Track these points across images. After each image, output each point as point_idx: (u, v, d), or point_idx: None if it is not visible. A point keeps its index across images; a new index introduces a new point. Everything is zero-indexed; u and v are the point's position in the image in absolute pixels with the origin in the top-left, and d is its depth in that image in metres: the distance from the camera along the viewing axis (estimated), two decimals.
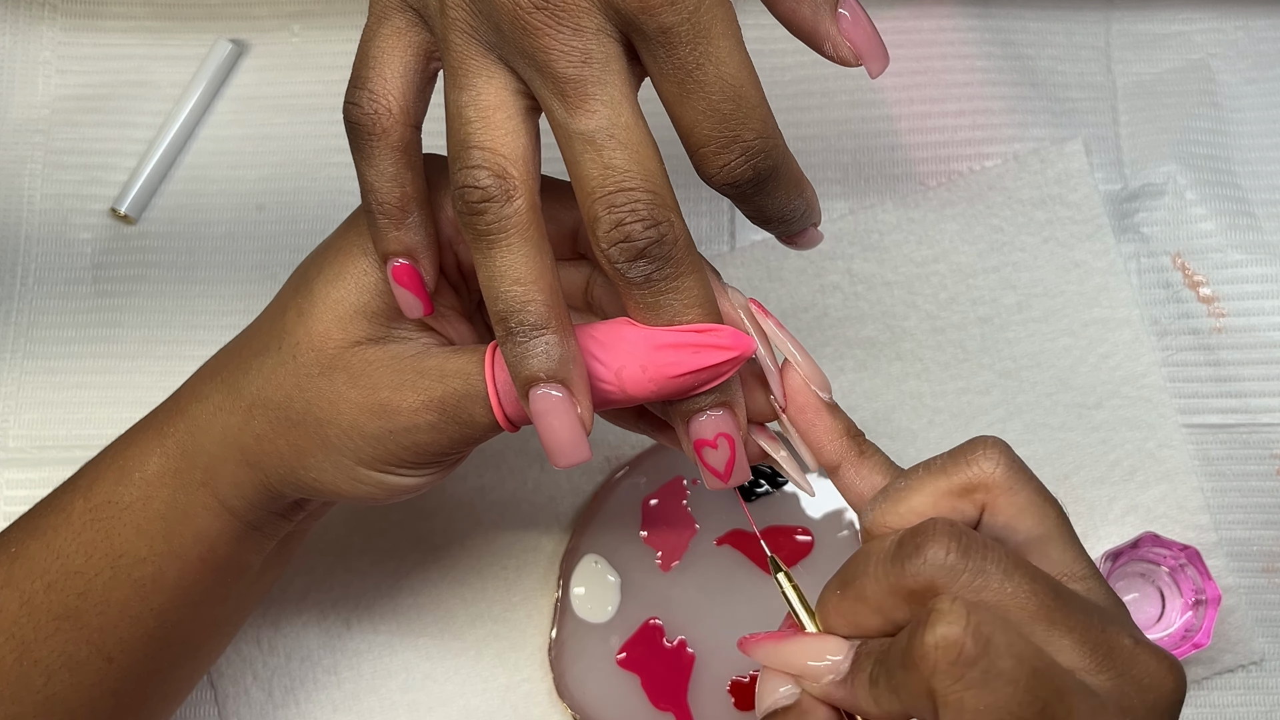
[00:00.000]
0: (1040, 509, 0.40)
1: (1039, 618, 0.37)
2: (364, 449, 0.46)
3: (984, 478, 0.40)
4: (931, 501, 0.41)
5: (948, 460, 0.41)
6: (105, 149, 0.65)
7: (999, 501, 0.40)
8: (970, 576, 0.38)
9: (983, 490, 0.40)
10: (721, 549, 0.60)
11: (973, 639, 0.36)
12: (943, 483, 0.41)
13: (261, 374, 0.47)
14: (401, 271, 0.45)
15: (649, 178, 0.41)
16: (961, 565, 0.38)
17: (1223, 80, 0.65)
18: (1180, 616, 0.59)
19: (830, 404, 0.45)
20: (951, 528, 0.38)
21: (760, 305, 0.45)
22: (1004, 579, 0.38)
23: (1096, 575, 0.41)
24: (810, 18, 0.44)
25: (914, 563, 0.38)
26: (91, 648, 0.49)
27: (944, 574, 0.38)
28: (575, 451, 0.42)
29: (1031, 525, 0.40)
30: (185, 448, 0.49)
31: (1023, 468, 0.41)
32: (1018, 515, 0.40)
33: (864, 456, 0.44)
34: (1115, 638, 0.38)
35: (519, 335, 0.42)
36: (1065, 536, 0.41)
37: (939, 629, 0.36)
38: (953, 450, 0.41)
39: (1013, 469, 0.40)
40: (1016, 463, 0.41)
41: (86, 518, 0.49)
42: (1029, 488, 0.40)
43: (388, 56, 0.44)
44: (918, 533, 0.39)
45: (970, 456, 0.41)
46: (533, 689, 0.60)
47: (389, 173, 0.44)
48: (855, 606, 0.40)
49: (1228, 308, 0.63)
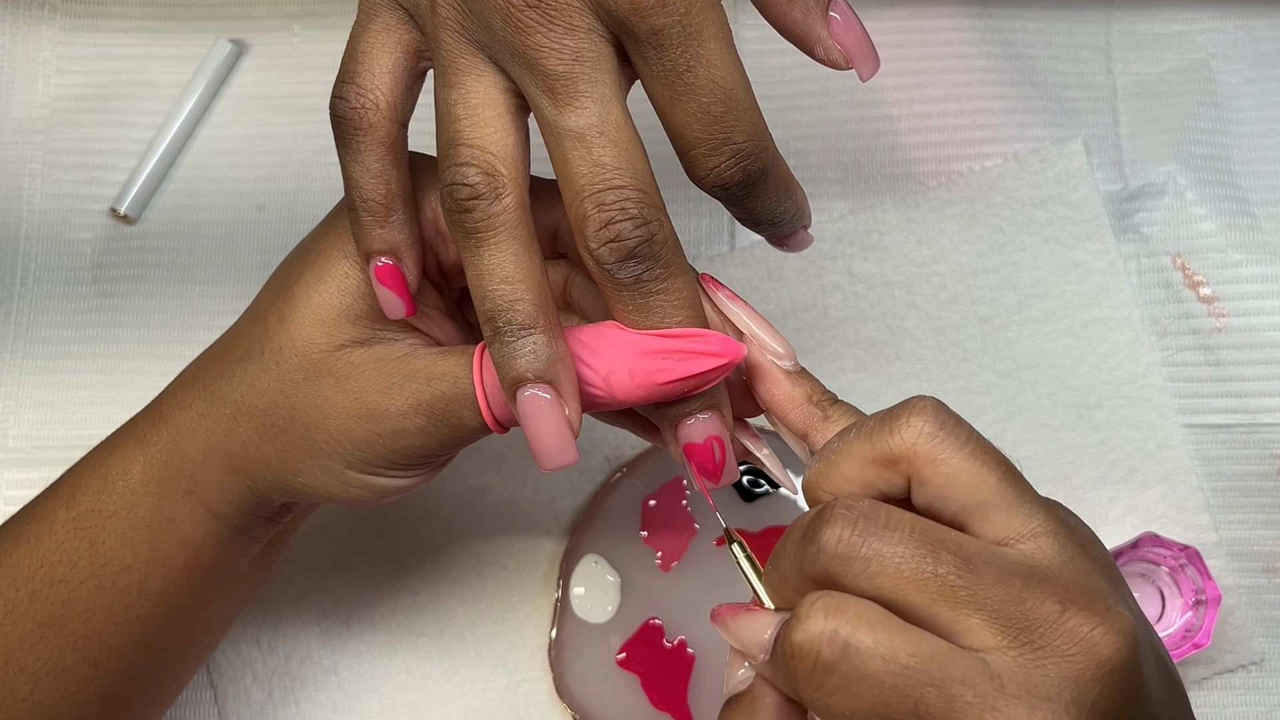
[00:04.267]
0: (974, 475, 0.38)
1: (941, 598, 0.36)
2: (352, 453, 0.46)
3: (904, 448, 0.38)
4: (858, 469, 0.39)
5: (876, 425, 0.39)
6: (105, 149, 0.65)
7: (923, 472, 0.38)
8: (862, 564, 0.36)
9: (905, 461, 0.38)
10: (721, 549, 0.60)
11: (828, 645, 0.35)
12: (867, 449, 0.39)
13: (245, 381, 0.47)
14: (384, 271, 0.45)
15: (638, 176, 0.41)
16: (854, 552, 0.37)
17: (1223, 80, 0.65)
18: (1180, 616, 0.59)
19: (793, 371, 0.44)
20: (848, 510, 0.37)
21: (713, 279, 0.44)
22: (901, 562, 0.36)
23: (1054, 531, 0.38)
24: (801, 21, 0.44)
25: (810, 550, 0.37)
26: (77, 655, 0.49)
27: (837, 563, 0.37)
28: (562, 454, 0.42)
29: (964, 494, 0.38)
30: (169, 456, 0.48)
31: (952, 431, 0.38)
32: (947, 485, 0.38)
33: (828, 421, 0.43)
34: (1036, 608, 0.36)
35: (506, 335, 0.41)
36: (1008, 498, 0.38)
37: (794, 635, 0.36)
38: (884, 412, 0.39)
39: (937, 437, 0.38)
40: (946, 427, 0.38)
41: (70, 526, 0.49)
42: (959, 454, 0.38)
43: (376, 52, 0.44)
44: (820, 515, 0.37)
45: (895, 423, 0.39)
46: (533, 689, 0.60)
47: (374, 169, 0.44)
48: (780, 585, 0.39)
49: (1228, 308, 0.63)
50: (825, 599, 0.36)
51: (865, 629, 0.36)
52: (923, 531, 0.37)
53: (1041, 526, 0.38)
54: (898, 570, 0.36)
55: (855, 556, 0.37)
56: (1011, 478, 0.39)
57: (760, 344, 0.44)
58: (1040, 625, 0.36)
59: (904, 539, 0.37)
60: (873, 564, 0.37)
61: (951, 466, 0.38)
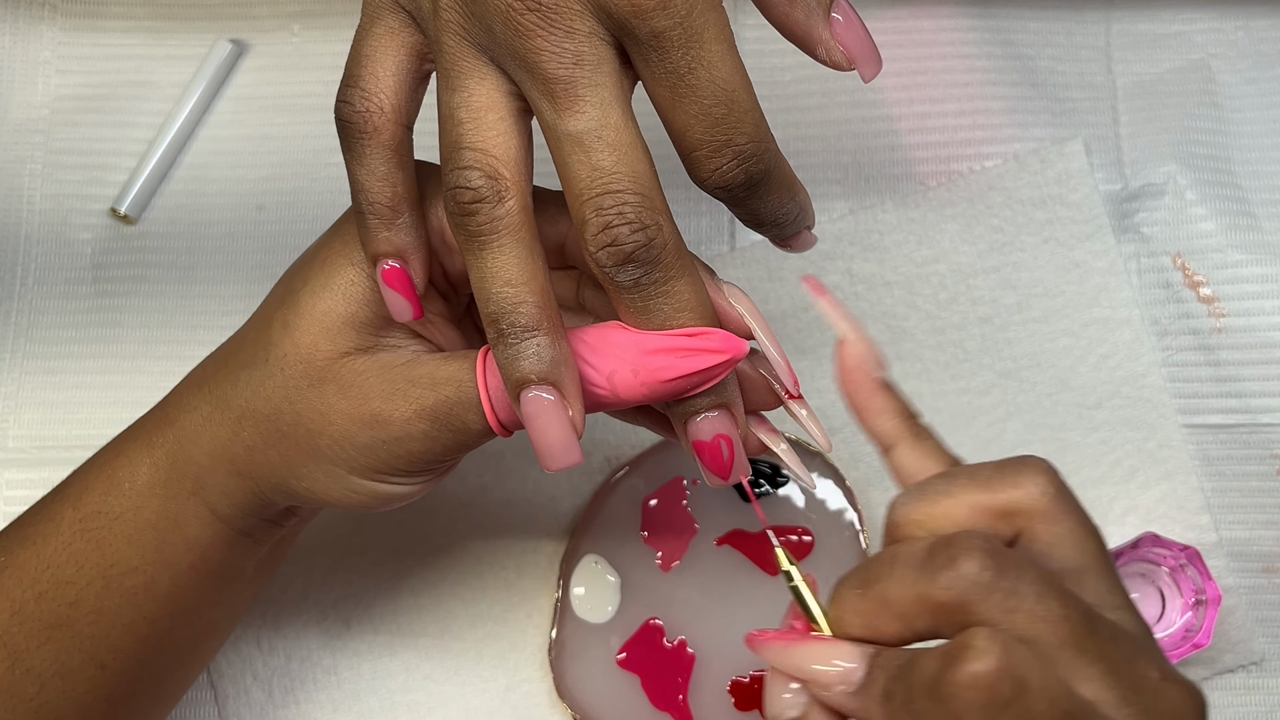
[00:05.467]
0: (1081, 540, 0.39)
1: (1069, 644, 0.36)
2: (356, 459, 0.46)
3: (1028, 503, 0.39)
4: (968, 513, 0.39)
5: (993, 475, 0.39)
6: (105, 149, 0.65)
7: (1038, 529, 0.39)
8: (1003, 596, 0.36)
9: (1024, 516, 0.39)
10: (721, 549, 0.60)
11: (1010, 681, 0.35)
12: (984, 498, 0.39)
13: (250, 386, 0.47)
14: (391, 274, 0.45)
15: (637, 179, 0.40)
16: (995, 583, 0.36)
17: (1223, 80, 0.65)
18: (1180, 616, 0.59)
19: (886, 381, 0.43)
20: (987, 542, 0.37)
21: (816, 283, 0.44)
22: (1037, 601, 0.36)
23: (1130, 607, 0.39)
24: (803, 22, 0.44)
25: (946, 574, 0.37)
26: (84, 656, 0.49)
27: (977, 591, 0.36)
28: (566, 455, 0.42)
29: (1069, 555, 0.39)
30: (175, 458, 0.48)
31: (1069, 496, 0.39)
32: (1056, 544, 0.39)
33: (920, 440, 0.43)
34: (1143, 670, 0.37)
35: (510, 337, 0.41)
36: (1103, 567, 0.39)
37: (974, 666, 0.35)
38: (999, 464, 0.40)
39: (1058, 498, 0.39)
40: (1064, 490, 0.39)
41: (76, 528, 0.49)
42: (1072, 518, 0.39)
43: (380, 55, 0.44)
44: (952, 543, 0.37)
45: (1017, 478, 0.39)
46: (533, 689, 0.60)
47: (380, 172, 0.44)
48: (876, 610, 0.38)
49: (1228, 308, 0.63)
50: (1000, 634, 0.36)
51: (1039, 671, 0.35)
52: (1052, 577, 0.37)
53: (1123, 600, 0.39)
54: (1033, 610, 0.36)
55: (997, 588, 0.36)
56: (1105, 547, 0.40)
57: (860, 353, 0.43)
58: (1145, 688, 0.37)
59: (1038, 581, 0.37)
60: (1012, 598, 0.36)
61: (1065, 528, 0.39)
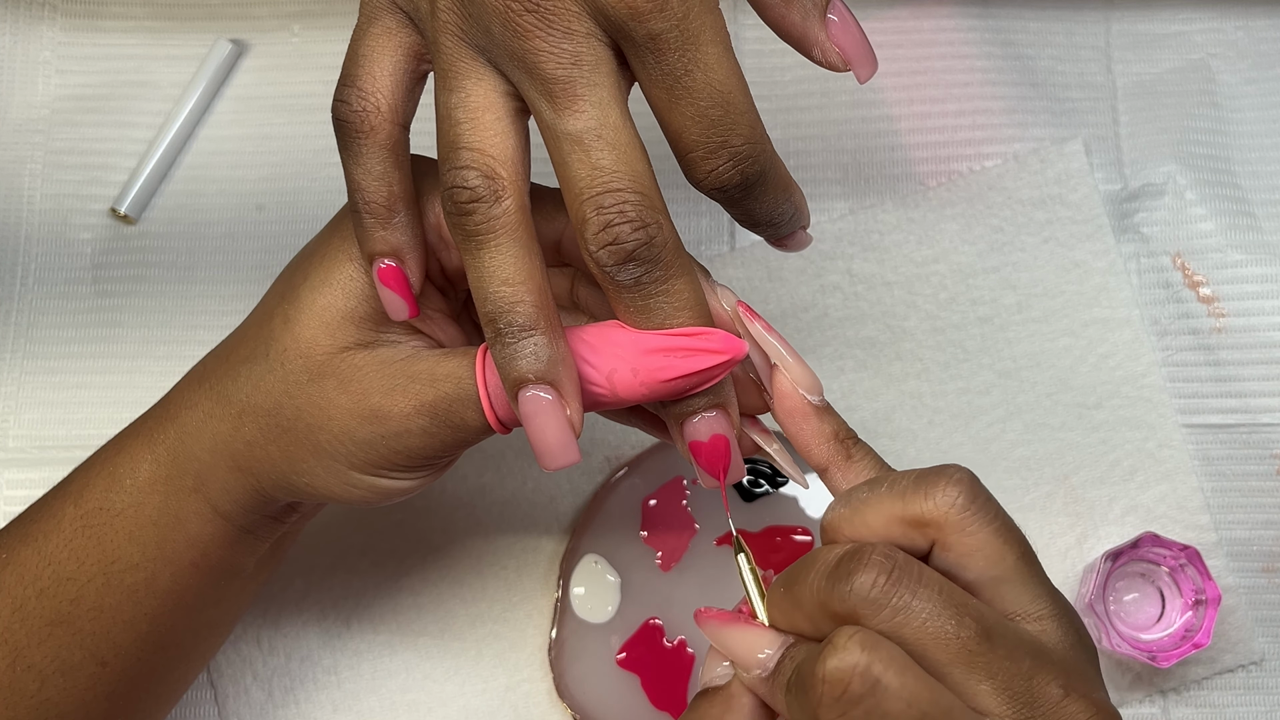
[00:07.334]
0: (997, 550, 0.39)
1: (958, 660, 0.37)
2: (356, 454, 0.46)
3: (938, 515, 0.39)
4: (884, 523, 0.40)
5: (910, 486, 0.40)
6: (105, 149, 0.65)
7: (950, 539, 0.39)
8: (891, 612, 0.38)
9: (934, 527, 0.40)
10: (721, 549, 0.60)
11: (860, 678, 0.36)
12: (899, 508, 0.40)
13: (250, 381, 0.47)
14: (387, 273, 0.45)
15: (637, 179, 0.41)
16: (885, 600, 0.38)
17: (1223, 80, 0.65)
18: (1180, 616, 0.59)
19: (819, 407, 0.44)
20: (885, 559, 0.38)
21: (748, 308, 0.45)
22: (928, 618, 0.37)
23: (1058, 615, 0.40)
24: (799, 23, 0.44)
25: (841, 587, 0.38)
26: (85, 653, 0.49)
27: (866, 606, 0.38)
28: (564, 454, 0.42)
29: (982, 567, 0.39)
30: (176, 454, 0.49)
31: (984, 507, 0.40)
32: (969, 555, 0.39)
33: (851, 461, 0.44)
34: (1042, 686, 0.38)
35: (508, 336, 0.42)
36: (1024, 577, 0.40)
37: (829, 662, 0.37)
38: (919, 474, 0.41)
39: (969, 510, 0.39)
40: (978, 500, 0.40)
41: (78, 524, 0.49)
42: (987, 529, 0.39)
43: (377, 55, 0.44)
44: (853, 556, 0.39)
45: (931, 489, 0.40)
46: (533, 689, 0.60)
47: (376, 171, 0.44)
48: (792, 609, 0.40)
49: (1228, 308, 0.63)
50: (861, 634, 0.37)
51: (895, 670, 0.37)
52: (950, 593, 0.38)
53: (1047, 610, 0.40)
54: (923, 625, 0.38)
55: (885, 604, 0.38)
56: (1028, 559, 0.40)
57: (795, 379, 0.44)
58: (1044, 704, 0.38)
59: (933, 597, 0.38)
60: (900, 615, 0.38)
61: (978, 539, 0.39)
